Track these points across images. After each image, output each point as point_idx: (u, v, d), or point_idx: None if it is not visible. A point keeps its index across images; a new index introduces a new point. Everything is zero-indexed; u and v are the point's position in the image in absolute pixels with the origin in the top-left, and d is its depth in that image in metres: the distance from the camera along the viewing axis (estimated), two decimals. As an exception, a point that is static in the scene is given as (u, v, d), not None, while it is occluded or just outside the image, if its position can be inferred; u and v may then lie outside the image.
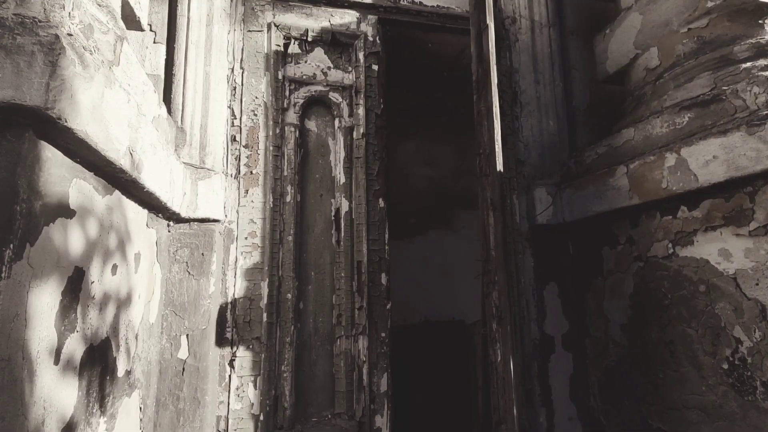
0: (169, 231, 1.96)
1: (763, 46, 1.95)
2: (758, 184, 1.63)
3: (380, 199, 2.38)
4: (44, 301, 1.00)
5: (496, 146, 1.95)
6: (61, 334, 1.07)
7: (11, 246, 0.90)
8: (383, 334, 2.26)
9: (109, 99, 1.13)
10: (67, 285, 1.09)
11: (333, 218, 2.34)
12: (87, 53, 1.04)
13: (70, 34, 1.00)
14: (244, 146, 2.23)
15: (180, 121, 2.08)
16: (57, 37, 0.94)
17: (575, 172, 2.51)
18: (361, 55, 2.46)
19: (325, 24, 2.43)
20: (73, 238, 1.12)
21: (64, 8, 0.99)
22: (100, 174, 1.25)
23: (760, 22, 2.04)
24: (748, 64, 1.87)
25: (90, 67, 1.03)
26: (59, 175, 1.05)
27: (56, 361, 1.05)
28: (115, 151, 1.17)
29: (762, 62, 1.86)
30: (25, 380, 0.93)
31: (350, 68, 2.48)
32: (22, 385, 0.92)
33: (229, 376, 2.03)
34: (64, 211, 1.08)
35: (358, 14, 2.50)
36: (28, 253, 0.94)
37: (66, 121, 0.95)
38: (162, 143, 1.58)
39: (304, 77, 2.39)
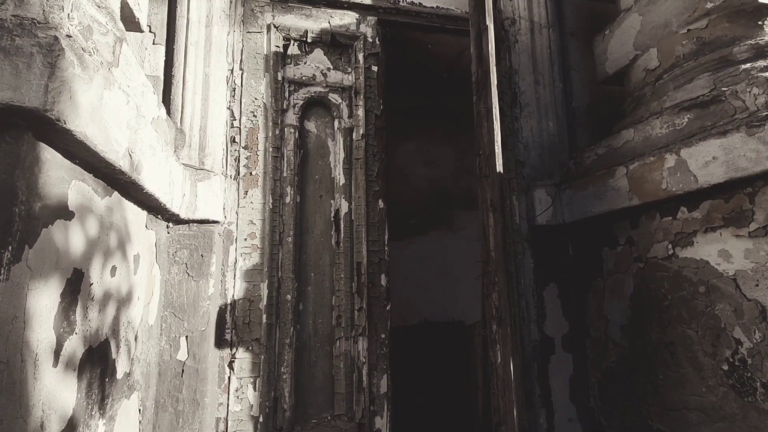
0: (168, 232, 1.96)
1: (762, 47, 1.95)
2: (758, 185, 1.63)
3: (380, 200, 2.38)
4: (43, 302, 1.00)
5: (496, 147, 1.95)
6: (60, 335, 1.07)
7: (10, 248, 0.90)
8: (383, 336, 2.26)
9: (108, 100, 1.12)
10: (66, 286, 1.09)
11: (333, 219, 2.33)
12: (86, 55, 1.04)
13: (69, 36, 1.00)
14: (243, 147, 2.23)
15: (179, 122, 2.08)
16: (56, 38, 0.94)
17: (575, 173, 2.51)
18: (360, 56, 2.46)
19: (325, 25, 2.43)
20: (72, 240, 1.12)
21: (63, 10, 0.99)
22: (100, 175, 1.25)
23: (759, 23, 2.04)
24: (748, 65, 1.87)
25: (89, 69, 1.03)
26: (58, 176, 1.05)
27: (55, 363, 1.05)
28: (114, 153, 1.17)
29: (761, 63, 1.86)
30: (23, 382, 0.93)
31: (350, 69, 2.48)
32: (20, 387, 0.92)
33: (229, 377, 2.03)
34: (63, 212, 1.07)
35: (357, 15, 2.50)
36: (26, 255, 0.94)
37: (65, 123, 0.95)
38: (161, 144, 1.58)
39: (304, 78, 2.39)
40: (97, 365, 1.27)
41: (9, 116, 0.92)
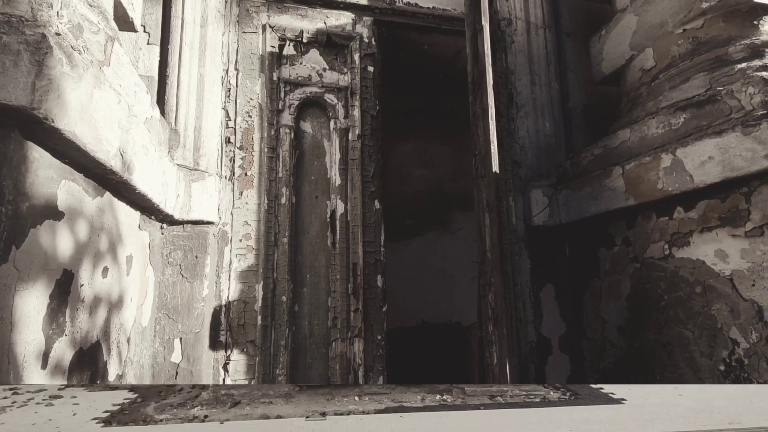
0: (162, 233, 1.94)
1: (758, 46, 1.95)
2: (754, 184, 1.62)
3: (376, 201, 2.37)
4: (31, 304, 0.98)
5: (492, 147, 1.94)
6: (49, 337, 1.05)
7: (-4, 248, 0.88)
8: (379, 337, 2.25)
9: (98, 99, 1.11)
10: (55, 288, 1.07)
11: (328, 220, 2.32)
12: (75, 53, 1.03)
13: (57, 34, 0.99)
14: (238, 148, 2.21)
15: (174, 122, 2.06)
16: (44, 36, 0.93)
17: (571, 173, 2.51)
18: (356, 57, 2.45)
19: (321, 25, 2.43)
20: (61, 241, 1.10)
21: (51, 7, 0.98)
22: (90, 175, 1.23)
23: (754, 23, 2.04)
24: (743, 65, 1.87)
25: (78, 67, 1.02)
26: (47, 176, 1.04)
27: (44, 366, 1.03)
28: (105, 153, 1.16)
29: (757, 63, 1.86)
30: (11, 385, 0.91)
31: (346, 70, 2.47)
32: (7, 390, 0.90)
33: (223, 379, 2.01)
34: (52, 212, 1.06)
35: (353, 16, 2.49)
36: (14, 255, 0.92)
37: (53, 122, 0.93)
38: (155, 145, 1.57)
39: (300, 79, 2.38)
40: (87, 368, 1.26)
41: (-4, 115, 0.90)
